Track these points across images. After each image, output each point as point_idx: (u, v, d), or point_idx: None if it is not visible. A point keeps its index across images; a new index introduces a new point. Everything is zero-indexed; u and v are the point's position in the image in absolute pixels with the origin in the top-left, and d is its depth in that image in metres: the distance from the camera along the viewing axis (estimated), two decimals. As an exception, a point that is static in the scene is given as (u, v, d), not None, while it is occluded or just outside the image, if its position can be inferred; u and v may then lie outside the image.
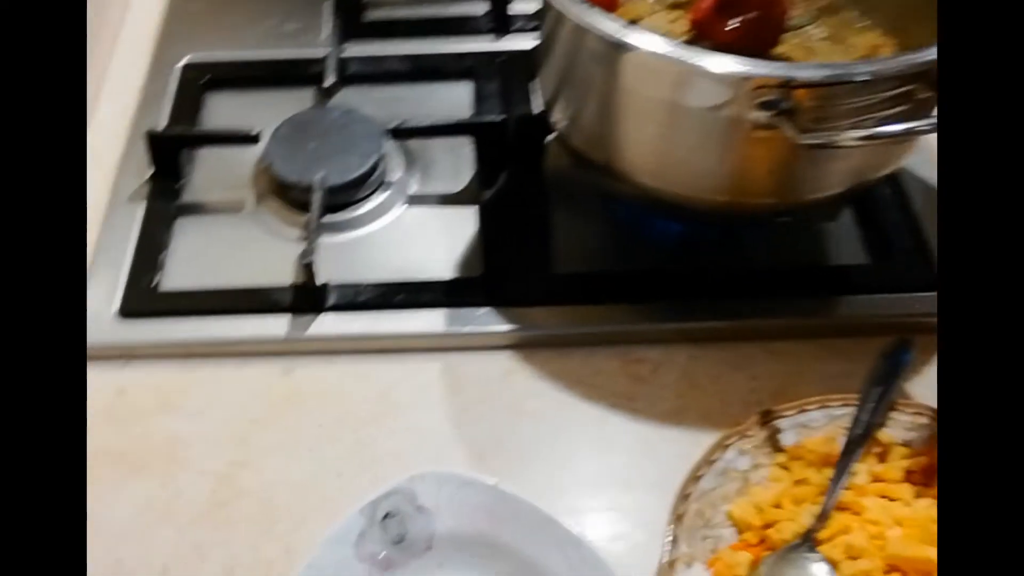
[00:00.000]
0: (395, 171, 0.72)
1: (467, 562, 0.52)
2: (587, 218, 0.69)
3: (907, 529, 0.47)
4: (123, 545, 0.55)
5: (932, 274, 0.64)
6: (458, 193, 0.71)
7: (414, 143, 0.73)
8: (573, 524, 0.53)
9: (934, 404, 0.56)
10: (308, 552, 0.52)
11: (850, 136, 0.48)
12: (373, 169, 0.69)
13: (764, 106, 0.48)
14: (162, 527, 0.55)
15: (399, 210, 0.70)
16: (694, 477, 0.53)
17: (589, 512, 0.56)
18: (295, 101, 0.76)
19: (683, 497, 0.52)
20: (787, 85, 0.48)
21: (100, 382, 0.61)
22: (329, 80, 0.74)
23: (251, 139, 0.70)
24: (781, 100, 0.47)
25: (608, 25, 0.52)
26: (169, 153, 0.70)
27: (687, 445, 0.58)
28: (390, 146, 0.72)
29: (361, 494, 0.56)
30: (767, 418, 0.55)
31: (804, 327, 0.63)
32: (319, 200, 0.65)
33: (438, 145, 0.73)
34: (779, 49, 0.66)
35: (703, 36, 0.64)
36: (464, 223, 0.69)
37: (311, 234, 0.63)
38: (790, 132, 0.48)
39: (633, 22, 0.64)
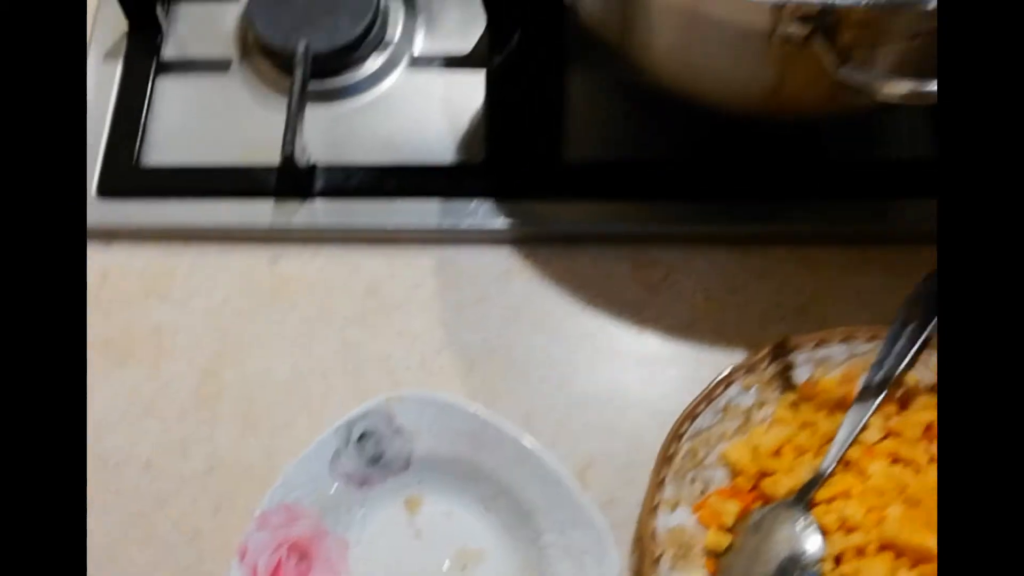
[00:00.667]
0: (396, 26, 0.63)
1: (446, 481, 0.51)
2: (607, 95, 0.60)
3: (908, 509, 0.43)
4: (109, 436, 0.54)
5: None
6: (465, 56, 0.63)
7: (419, -7, 0.64)
8: (561, 444, 0.51)
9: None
10: (288, 457, 0.51)
11: (897, 87, 0.38)
12: (367, 31, 0.61)
13: (801, 20, 0.39)
14: (147, 420, 0.55)
15: (398, 74, 0.63)
16: (690, 415, 0.49)
17: (580, 432, 0.53)
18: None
19: (675, 436, 0.48)
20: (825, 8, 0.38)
21: (84, 263, 0.59)
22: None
23: (230, -9, 0.62)
24: (822, 15, 0.38)
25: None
26: (142, 5, 0.63)
27: (693, 366, 0.54)
28: (391, -3, 0.63)
29: (344, 400, 0.54)
30: (780, 351, 0.50)
31: (844, 233, 0.56)
32: (301, 76, 0.58)
33: (445, -4, 0.64)
34: None
35: None
36: (471, 91, 0.61)
37: (291, 117, 0.57)
38: (827, 59, 0.39)
39: None
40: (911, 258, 0.55)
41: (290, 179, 0.58)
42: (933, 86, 0.37)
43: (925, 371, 0.49)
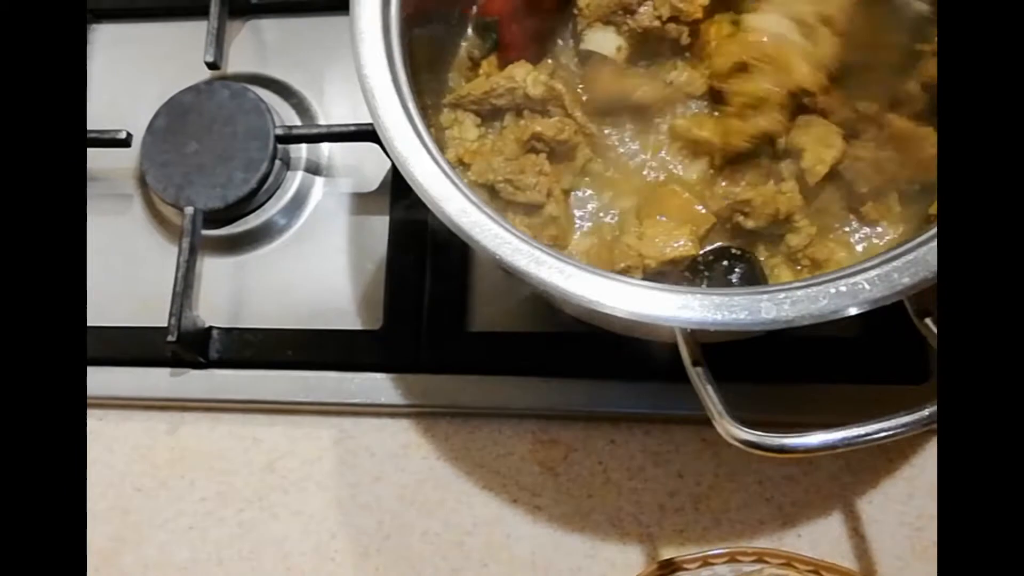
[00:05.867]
0: (297, 168, 0.60)
1: None
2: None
3: None
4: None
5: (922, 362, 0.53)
6: (370, 196, 0.60)
7: (320, 129, 0.61)
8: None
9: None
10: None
11: (733, 431, 0.36)
12: (263, 181, 0.58)
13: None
14: (51, 602, 0.56)
15: (300, 221, 0.60)
16: (568, 639, 0.48)
17: (469, 631, 0.53)
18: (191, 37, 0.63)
19: (552, 663, 0.48)
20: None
21: (-13, 429, 0.59)
22: (210, 54, 0.60)
23: (121, 143, 0.59)
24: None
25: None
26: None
27: (584, 558, 0.53)
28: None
29: (240, 588, 0.55)
30: (665, 570, 0.49)
31: (748, 417, 0.54)
32: (188, 245, 0.56)
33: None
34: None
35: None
36: (374, 241, 0.59)
37: (177, 295, 0.55)
38: (685, 352, 0.37)
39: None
40: (818, 443, 0.53)
41: (184, 351, 0.57)
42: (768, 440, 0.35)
43: (812, 594, 0.48)
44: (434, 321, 0.56)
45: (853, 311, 0.36)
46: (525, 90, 0.47)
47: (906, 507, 0.52)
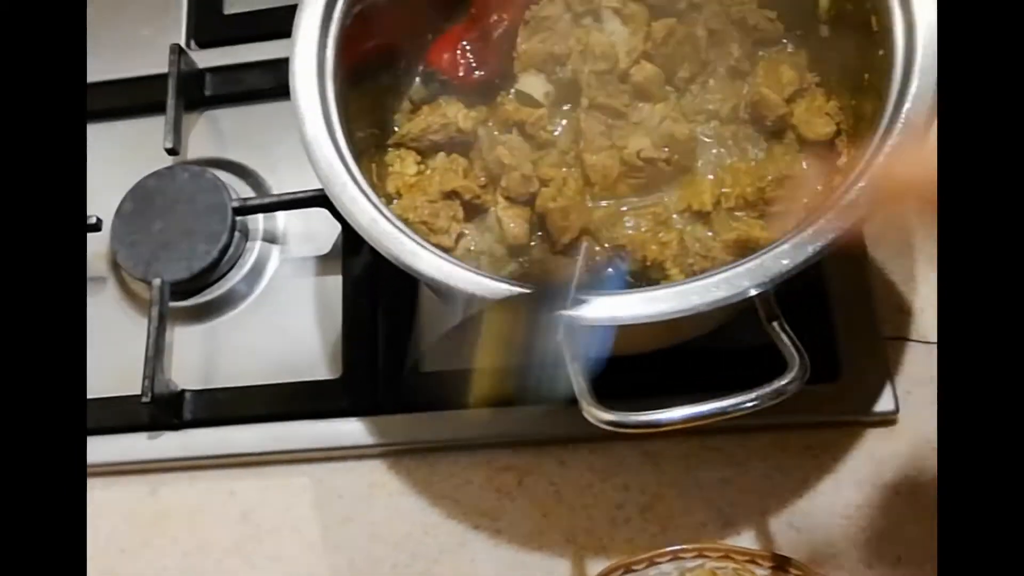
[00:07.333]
0: (255, 239, 0.66)
1: None
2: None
3: None
4: None
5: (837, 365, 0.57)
6: (324, 259, 0.65)
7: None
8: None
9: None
10: None
11: (597, 413, 0.41)
12: (224, 251, 0.63)
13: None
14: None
15: (260, 285, 0.65)
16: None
17: (441, 653, 0.56)
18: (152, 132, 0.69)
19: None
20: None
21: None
22: (169, 141, 0.66)
23: (92, 228, 0.64)
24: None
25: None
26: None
27: (545, 574, 0.57)
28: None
29: (224, 635, 0.58)
30: (614, 573, 0.53)
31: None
32: (157, 314, 0.61)
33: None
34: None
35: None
36: (331, 298, 0.64)
37: (149, 360, 0.60)
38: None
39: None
40: (747, 446, 0.58)
41: (159, 413, 0.61)
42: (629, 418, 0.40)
43: (751, 584, 0.52)
44: (389, 366, 0.61)
45: (700, 310, 0.41)
46: (457, 125, 0.54)
47: (834, 498, 0.56)
